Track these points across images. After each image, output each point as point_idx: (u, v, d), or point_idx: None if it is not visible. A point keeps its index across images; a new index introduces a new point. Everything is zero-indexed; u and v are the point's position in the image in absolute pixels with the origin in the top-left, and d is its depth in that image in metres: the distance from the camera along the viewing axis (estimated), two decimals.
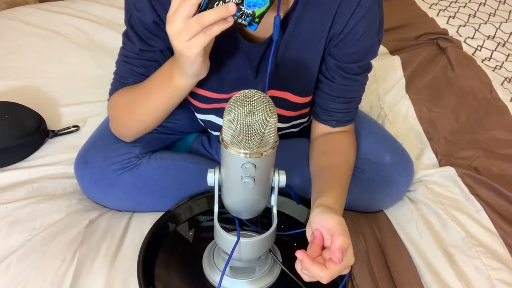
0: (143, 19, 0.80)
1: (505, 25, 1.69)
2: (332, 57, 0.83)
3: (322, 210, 0.71)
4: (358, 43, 0.80)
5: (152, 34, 0.82)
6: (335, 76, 0.85)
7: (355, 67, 0.84)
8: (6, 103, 1.16)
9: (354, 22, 0.77)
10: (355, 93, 0.89)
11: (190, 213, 0.95)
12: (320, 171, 0.86)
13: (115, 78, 0.89)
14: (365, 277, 0.85)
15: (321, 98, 0.89)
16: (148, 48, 0.83)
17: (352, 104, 0.90)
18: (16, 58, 1.42)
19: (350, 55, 0.82)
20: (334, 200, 0.75)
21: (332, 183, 0.81)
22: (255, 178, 0.68)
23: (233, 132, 0.64)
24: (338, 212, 0.74)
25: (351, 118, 0.92)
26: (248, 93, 0.63)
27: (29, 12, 1.63)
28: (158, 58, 0.84)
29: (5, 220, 0.91)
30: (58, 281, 0.81)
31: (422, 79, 1.41)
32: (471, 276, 0.87)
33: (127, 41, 0.85)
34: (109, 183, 0.93)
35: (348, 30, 0.79)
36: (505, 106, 1.29)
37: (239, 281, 0.80)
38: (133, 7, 0.80)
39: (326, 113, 0.90)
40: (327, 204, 0.73)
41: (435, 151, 1.17)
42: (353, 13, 0.77)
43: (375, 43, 0.83)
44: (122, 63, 0.87)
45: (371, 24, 0.79)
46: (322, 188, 0.79)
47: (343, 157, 0.88)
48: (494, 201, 1.02)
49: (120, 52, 0.87)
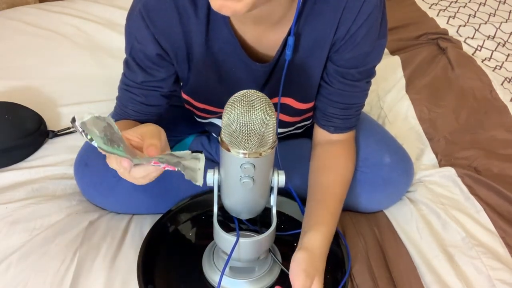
0: (146, 51, 0.78)
1: (505, 25, 1.68)
2: (332, 62, 0.82)
3: (295, 258, 0.74)
4: (357, 48, 0.79)
5: (155, 65, 0.80)
6: (334, 81, 0.84)
7: (355, 73, 0.83)
8: (6, 103, 1.16)
9: (355, 28, 0.77)
10: (354, 99, 0.87)
11: (190, 213, 0.95)
12: (315, 191, 0.86)
13: (117, 103, 0.88)
14: (365, 277, 0.85)
15: (320, 102, 0.88)
16: (151, 78, 0.82)
17: (351, 110, 0.88)
18: (16, 58, 1.42)
19: (349, 60, 0.81)
20: (321, 237, 0.78)
21: (324, 212, 0.82)
22: (254, 178, 0.68)
23: (232, 132, 0.64)
24: (321, 250, 0.77)
25: (351, 126, 0.90)
26: (247, 94, 0.63)
27: (29, 12, 1.63)
28: (159, 86, 0.83)
29: (5, 221, 0.91)
30: (58, 282, 0.81)
31: (422, 79, 1.41)
32: (471, 276, 0.87)
33: (128, 71, 0.83)
34: (109, 186, 0.93)
35: (349, 36, 0.78)
36: (505, 106, 1.29)
37: (238, 281, 0.80)
38: (134, 39, 0.78)
39: (325, 117, 0.89)
40: (310, 247, 0.76)
41: (435, 151, 1.16)
42: (355, 19, 0.76)
43: (375, 48, 0.82)
44: (123, 90, 0.85)
45: (371, 29, 0.78)
46: (312, 218, 0.81)
47: (339, 176, 0.88)
48: (494, 201, 1.02)
49: (122, 79, 0.85)
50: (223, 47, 0.79)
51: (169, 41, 0.77)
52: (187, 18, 0.76)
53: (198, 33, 0.77)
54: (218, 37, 0.78)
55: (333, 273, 0.84)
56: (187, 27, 0.76)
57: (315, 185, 0.87)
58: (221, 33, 0.77)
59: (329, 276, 0.82)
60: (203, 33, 0.77)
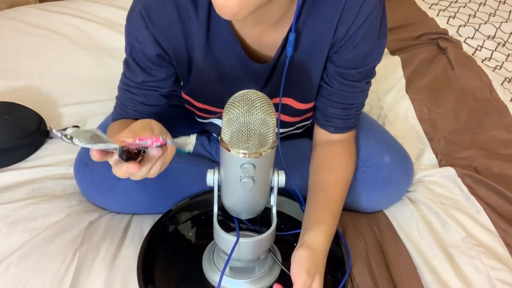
0: (146, 52, 0.78)
1: (505, 25, 1.68)
2: (332, 63, 0.82)
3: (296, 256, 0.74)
4: (357, 49, 0.79)
5: (155, 65, 0.80)
6: (333, 81, 0.84)
7: (355, 73, 0.83)
8: (6, 103, 1.16)
9: (355, 28, 0.77)
10: (354, 100, 0.87)
11: (190, 213, 0.95)
12: (315, 191, 0.86)
13: (117, 103, 0.88)
14: (365, 277, 0.85)
15: (320, 102, 0.88)
16: (151, 78, 0.82)
17: (351, 110, 0.88)
18: (16, 58, 1.42)
19: (349, 60, 0.81)
20: (322, 236, 0.77)
21: (324, 211, 0.82)
22: (254, 178, 0.68)
23: (232, 132, 0.64)
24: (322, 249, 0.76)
25: (351, 126, 0.90)
26: (247, 93, 0.63)
27: (29, 12, 1.63)
28: (159, 86, 0.83)
29: (5, 221, 0.91)
30: (58, 282, 0.81)
31: (422, 79, 1.41)
32: (471, 276, 0.87)
33: (128, 71, 0.83)
34: (109, 186, 0.93)
35: (348, 37, 0.78)
36: (505, 106, 1.29)
37: (238, 281, 0.80)
38: (134, 39, 0.78)
39: (325, 117, 0.89)
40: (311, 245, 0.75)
41: (435, 151, 1.16)
42: (355, 19, 0.76)
43: (375, 49, 0.82)
44: (123, 90, 0.85)
45: (370, 29, 0.78)
46: (313, 217, 0.81)
47: (339, 176, 0.88)
48: (494, 201, 1.02)
49: (121, 79, 0.85)
50: (223, 47, 0.79)
51: (169, 41, 0.77)
52: (187, 18, 0.75)
53: (198, 33, 0.77)
54: (218, 37, 0.78)
55: (333, 273, 0.84)
56: (187, 27, 0.76)
57: (315, 185, 0.87)
58: (222, 33, 0.77)
59: (329, 276, 0.82)
60: (203, 33, 0.77)
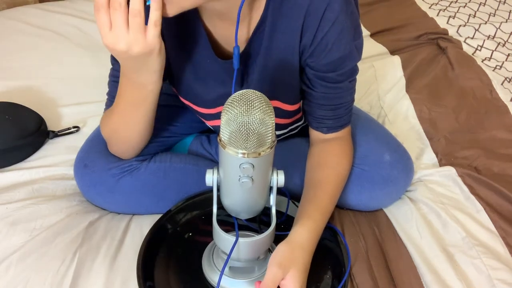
0: None
1: (505, 25, 1.68)
2: (310, 67, 0.82)
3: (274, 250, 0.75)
4: (331, 54, 0.78)
5: None
6: (316, 85, 0.84)
7: (334, 76, 0.82)
8: (6, 104, 1.16)
9: (322, 34, 0.76)
10: (340, 100, 0.86)
11: (190, 213, 0.95)
12: (307, 187, 0.87)
13: (108, 98, 0.90)
14: (365, 277, 0.85)
15: (308, 107, 0.88)
16: None
17: (340, 110, 0.87)
18: (16, 58, 1.42)
19: (326, 65, 0.80)
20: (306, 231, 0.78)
21: (311, 207, 0.82)
22: (253, 178, 0.68)
23: (230, 132, 0.64)
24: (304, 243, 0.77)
25: (343, 124, 0.90)
26: (246, 93, 0.63)
27: (29, 12, 1.63)
28: None
29: (5, 221, 0.91)
30: (58, 282, 0.81)
31: (422, 79, 1.41)
32: (471, 276, 0.87)
33: (115, 62, 0.86)
34: (108, 187, 0.93)
35: (317, 43, 0.77)
36: (505, 106, 1.29)
37: (238, 281, 0.80)
38: None
39: (316, 120, 0.89)
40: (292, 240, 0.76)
41: (435, 151, 1.16)
42: (319, 26, 0.75)
43: (352, 51, 0.80)
44: (112, 83, 0.88)
45: (341, 34, 0.77)
46: (300, 213, 0.82)
47: (334, 171, 0.88)
48: (494, 201, 1.02)
49: (110, 73, 0.88)
50: (195, 40, 0.80)
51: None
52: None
53: (172, 24, 0.78)
54: (190, 31, 0.79)
55: (333, 273, 0.84)
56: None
57: (308, 181, 0.88)
58: (193, 27, 0.79)
59: (329, 276, 0.82)
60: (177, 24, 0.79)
